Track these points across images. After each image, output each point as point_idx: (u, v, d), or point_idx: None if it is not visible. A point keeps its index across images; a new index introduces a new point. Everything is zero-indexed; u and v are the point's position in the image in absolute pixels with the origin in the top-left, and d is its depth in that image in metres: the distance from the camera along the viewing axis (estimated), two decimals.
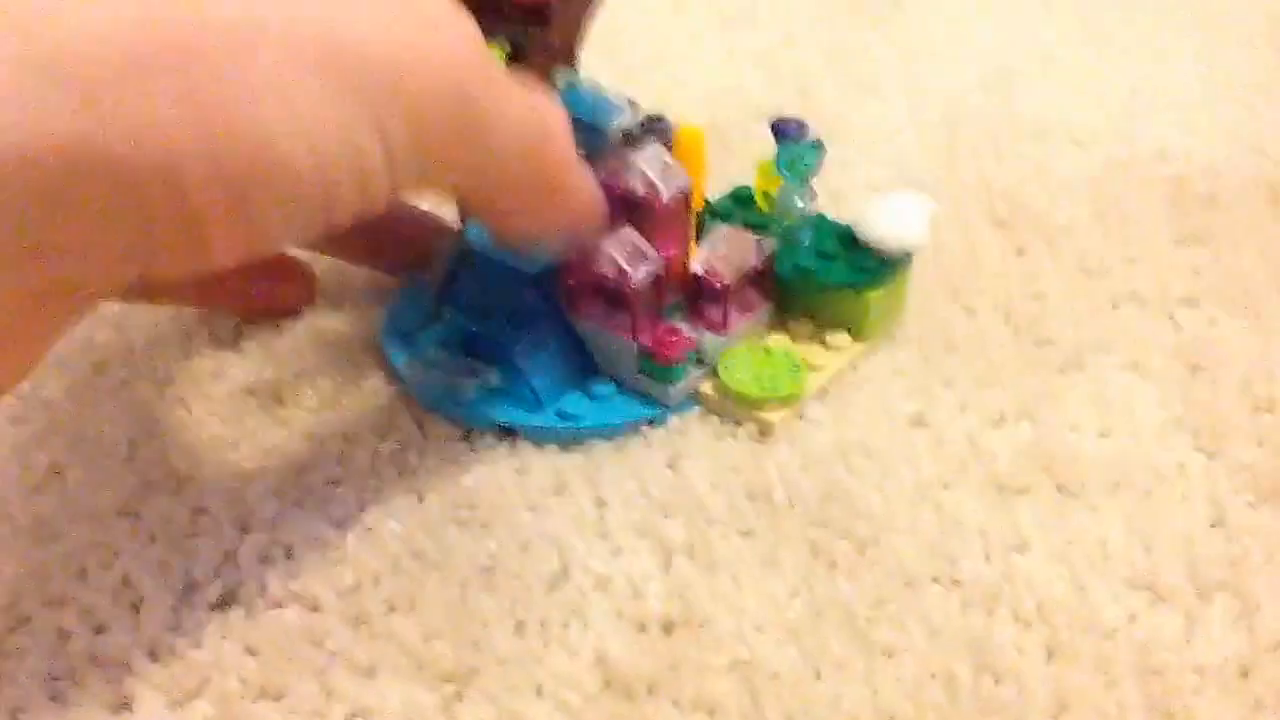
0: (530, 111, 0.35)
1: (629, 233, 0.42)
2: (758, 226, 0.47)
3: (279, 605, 0.37)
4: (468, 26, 0.33)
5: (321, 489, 0.40)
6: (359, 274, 0.50)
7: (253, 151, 0.28)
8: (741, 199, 0.50)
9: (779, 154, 0.46)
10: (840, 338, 0.46)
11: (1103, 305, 0.50)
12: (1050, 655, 0.35)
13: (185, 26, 0.27)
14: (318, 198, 0.30)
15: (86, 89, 0.26)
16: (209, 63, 0.27)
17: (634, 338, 0.43)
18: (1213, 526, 0.39)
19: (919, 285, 0.49)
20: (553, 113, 0.37)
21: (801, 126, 0.46)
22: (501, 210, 0.38)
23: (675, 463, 0.42)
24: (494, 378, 0.43)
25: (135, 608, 0.36)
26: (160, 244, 0.28)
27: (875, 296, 0.45)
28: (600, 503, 0.40)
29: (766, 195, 0.48)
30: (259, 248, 0.30)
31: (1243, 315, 0.49)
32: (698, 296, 0.45)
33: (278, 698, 0.34)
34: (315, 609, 0.37)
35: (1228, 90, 0.68)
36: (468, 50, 0.32)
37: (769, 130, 0.47)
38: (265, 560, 0.38)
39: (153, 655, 0.35)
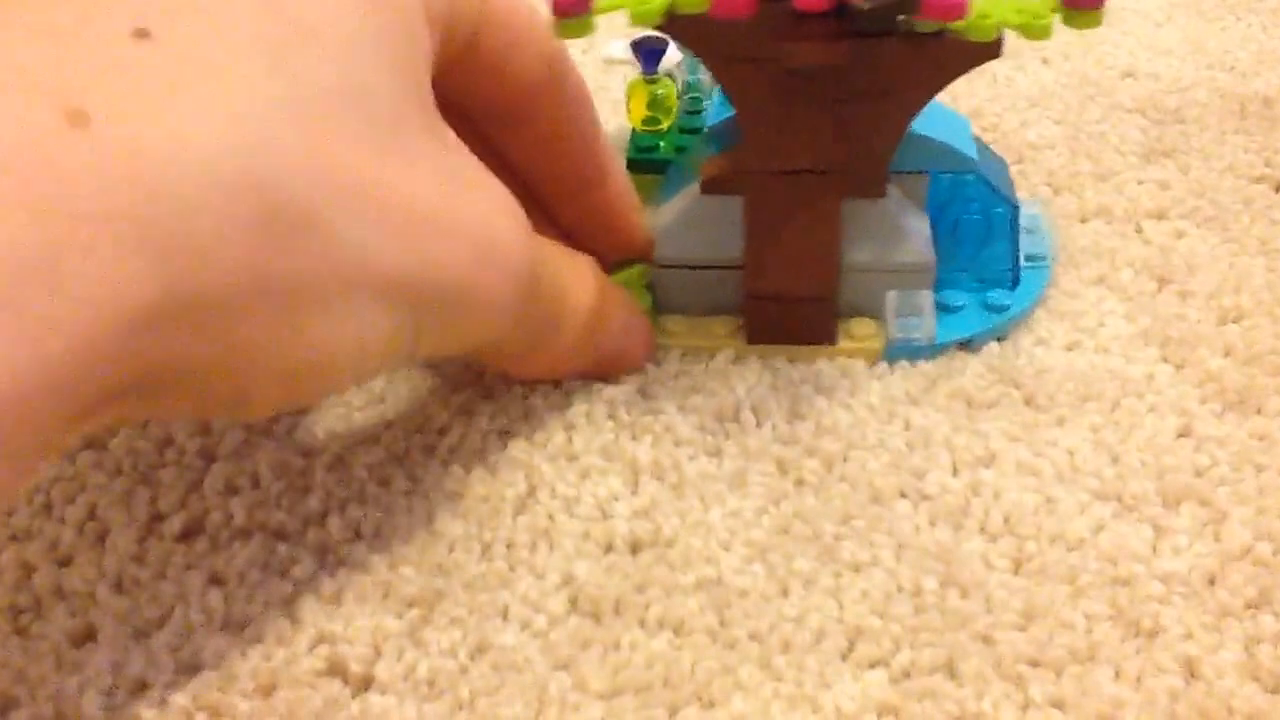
0: (587, 303, 0.38)
1: None
2: (691, 130, 0.48)
3: (244, 535, 0.36)
4: (518, 232, 0.34)
5: (288, 418, 0.40)
6: None
7: (317, 371, 0.30)
8: (645, 146, 0.49)
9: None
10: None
11: (1071, 221, 0.49)
12: (1017, 567, 0.35)
13: (292, 258, 0.27)
14: (350, 382, 0.32)
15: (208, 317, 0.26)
16: (304, 294, 0.28)
17: None
18: (1180, 437, 0.39)
19: None
20: (610, 291, 0.39)
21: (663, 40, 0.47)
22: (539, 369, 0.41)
23: (645, 387, 0.41)
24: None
25: (100, 540, 0.36)
26: (208, 409, 0.32)
27: None
28: (569, 426, 0.40)
29: (651, 118, 0.48)
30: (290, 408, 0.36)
31: (1210, 228, 0.49)
32: None
33: (243, 627, 0.34)
34: (281, 538, 0.36)
35: (1195, 7, 0.68)
36: (518, 265, 0.33)
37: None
38: (231, 490, 0.38)
39: (117, 587, 0.35)
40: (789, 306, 0.42)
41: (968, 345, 0.43)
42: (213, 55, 0.26)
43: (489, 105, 0.38)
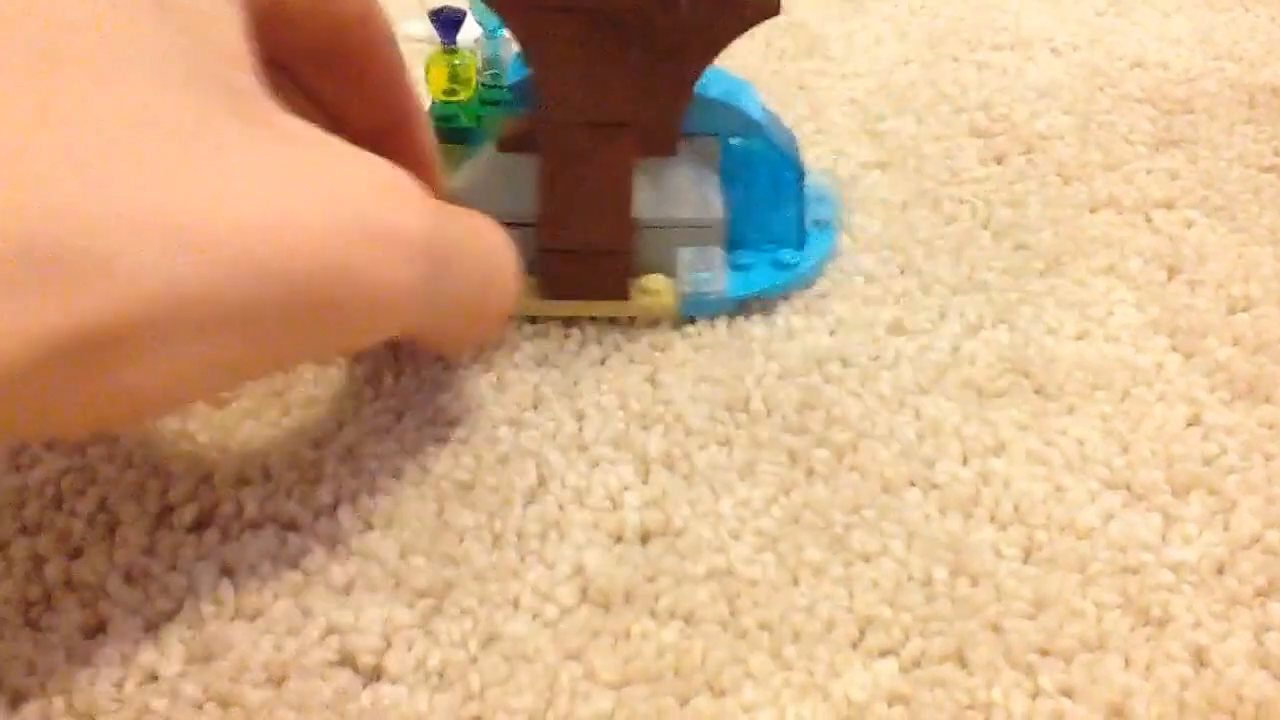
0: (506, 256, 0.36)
1: None
2: (491, 102, 0.48)
3: (255, 526, 0.36)
4: (395, 208, 0.30)
5: (298, 410, 0.40)
6: None
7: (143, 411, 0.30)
8: (446, 115, 0.49)
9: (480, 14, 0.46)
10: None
11: (1080, 210, 0.49)
12: (1027, 556, 0.35)
13: (76, 307, 0.25)
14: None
15: None
16: (104, 343, 0.25)
17: None
18: (1189, 426, 0.39)
19: (899, 194, 0.49)
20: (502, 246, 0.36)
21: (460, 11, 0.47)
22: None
23: (654, 376, 0.41)
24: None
25: (111, 531, 0.36)
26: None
27: None
28: (579, 416, 0.40)
29: (450, 89, 0.48)
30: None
31: (1219, 217, 0.49)
32: None
33: (253, 618, 0.34)
34: (292, 529, 0.36)
35: None
36: (403, 244, 0.30)
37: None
38: (242, 481, 0.38)
39: (128, 578, 0.35)
40: (583, 261, 0.43)
41: (758, 299, 0.45)
42: None
43: (300, 48, 0.36)
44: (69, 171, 0.24)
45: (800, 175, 0.46)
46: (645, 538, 0.36)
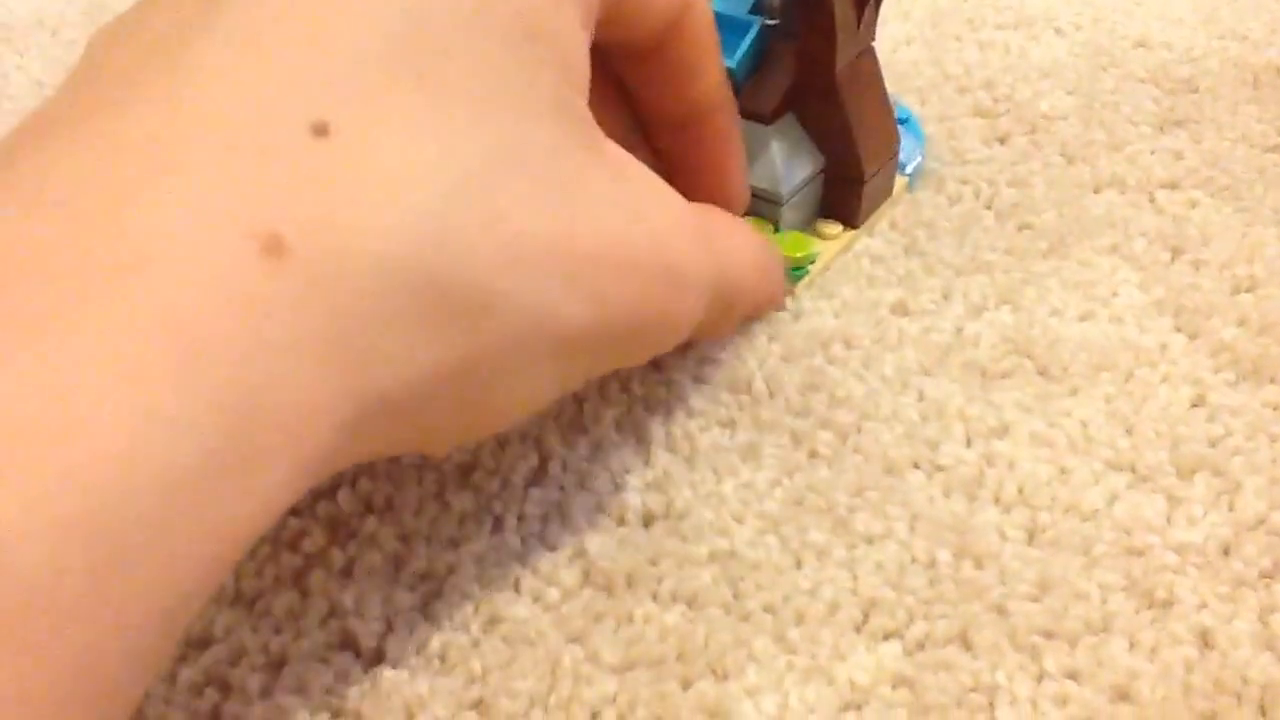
0: (755, 273, 0.39)
1: None
2: None
3: None
4: (695, 244, 0.33)
5: None
6: None
7: (494, 423, 0.31)
8: None
9: None
10: (833, 226, 0.46)
11: (1085, 191, 0.49)
12: (1031, 538, 0.35)
13: (475, 340, 0.27)
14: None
15: (397, 412, 0.26)
16: (487, 371, 0.28)
17: None
18: (1194, 407, 0.39)
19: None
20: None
21: None
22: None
23: (658, 359, 0.41)
24: None
25: None
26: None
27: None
28: (580, 399, 0.40)
29: None
30: None
31: (1223, 197, 0.48)
32: None
33: (253, 601, 0.34)
34: (291, 512, 0.36)
35: None
36: (700, 280, 0.33)
37: None
38: None
39: None
40: (881, 175, 0.46)
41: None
42: (386, 146, 0.25)
43: (626, 42, 0.36)
44: (458, 205, 0.26)
45: None
46: (647, 520, 0.36)
